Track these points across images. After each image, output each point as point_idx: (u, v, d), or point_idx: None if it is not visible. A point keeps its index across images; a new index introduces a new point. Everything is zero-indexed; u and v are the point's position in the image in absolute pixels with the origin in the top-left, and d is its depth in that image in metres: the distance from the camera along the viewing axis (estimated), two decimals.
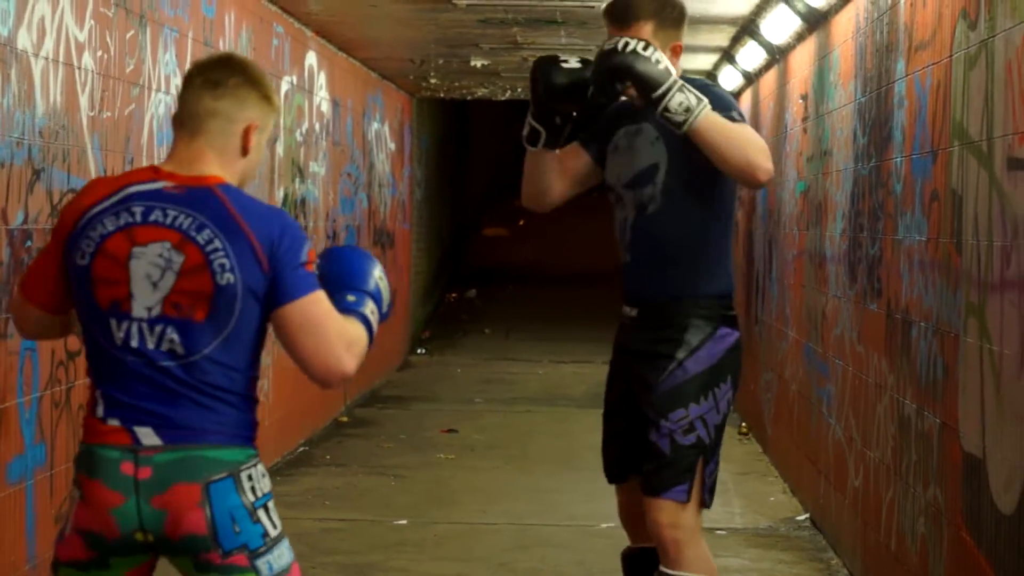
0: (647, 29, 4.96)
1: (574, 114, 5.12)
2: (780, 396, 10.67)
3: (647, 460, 5.06)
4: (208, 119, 3.72)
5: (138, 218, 3.60)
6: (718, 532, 8.76)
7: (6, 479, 6.04)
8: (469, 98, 18.97)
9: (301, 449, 11.48)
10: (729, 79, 14.17)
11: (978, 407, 5.34)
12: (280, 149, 10.89)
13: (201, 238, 3.56)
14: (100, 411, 3.61)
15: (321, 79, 12.46)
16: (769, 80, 12.05)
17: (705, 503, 5.06)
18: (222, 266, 3.56)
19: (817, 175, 9.25)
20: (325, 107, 12.65)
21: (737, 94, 14.55)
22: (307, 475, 10.44)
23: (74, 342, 6.75)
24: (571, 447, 11.34)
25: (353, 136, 14.06)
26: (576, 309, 22.52)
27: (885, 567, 6.89)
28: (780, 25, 10.36)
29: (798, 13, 9.72)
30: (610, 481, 5.35)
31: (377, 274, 3.84)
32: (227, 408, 3.63)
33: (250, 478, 3.70)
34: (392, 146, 16.59)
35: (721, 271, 5.08)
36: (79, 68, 6.78)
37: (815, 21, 9.45)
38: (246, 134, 3.74)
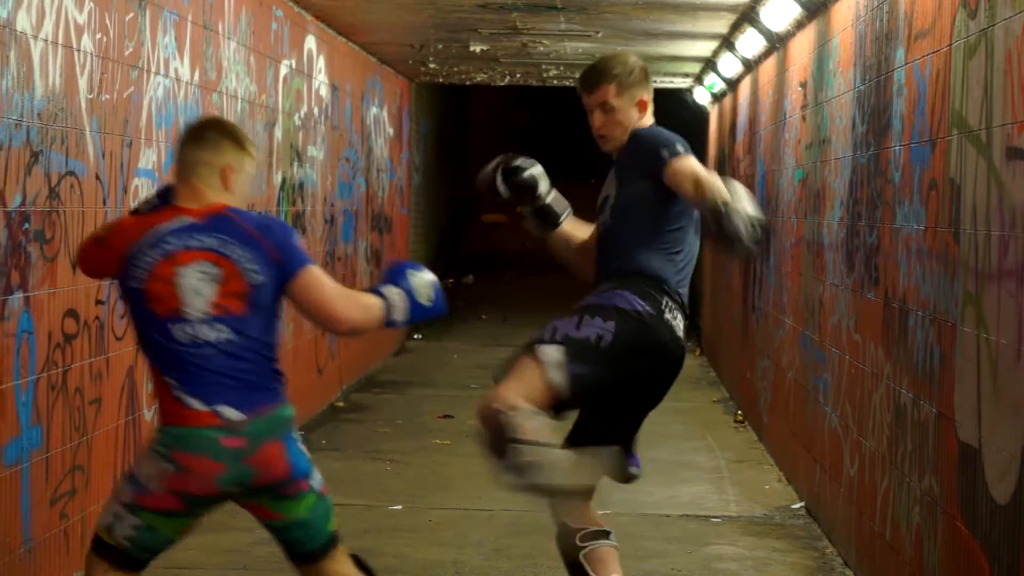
0: (611, 91, 5.69)
1: (544, 190, 5.86)
2: (776, 384, 10.68)
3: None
4: (198, 167, 4.85)
5: (178, 246, 4.75)
6: (713, 520, 8.77)
7: (2, 461, 6.05)
8: (468, 83, 18.96)
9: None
10: (728, 66, 14.16)
11: (974, 396, 5.35)
12: (278, 133, 10.89)
13: (230, 252, 4.74)
14: (181, 397, 4.73)
15: (320, 63, 12.45)
16: (768, 67, 12.05)
17: (544, 357, 5.48)
18: (252, 270, 4.74)
19: (816, 163, 9.25)
20: (324, 91, 12.64)
21: (736, 81, 14.55)
22: None
23: (71, 325, 6.75)
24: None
25: (352, 121, 14.05)
26: (573, 296, 22.49)
27: (880, 556, 6.90)
28: (780, 12, 10.36)
29: (798, 0, 9.71)
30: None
31: (416, 277, 5.04)
32: (272, 375, 4.81)
33: (293, 422, 4.88)
34: (391, 131, 16.58)
35: (661, 264, 5.61)
36: (78, 50, 6.77)
37: (815, 9, 9.45)
38: (228, 173, 4.87)
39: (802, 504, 9.18)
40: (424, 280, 5.02)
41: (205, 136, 4.89)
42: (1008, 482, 4.94)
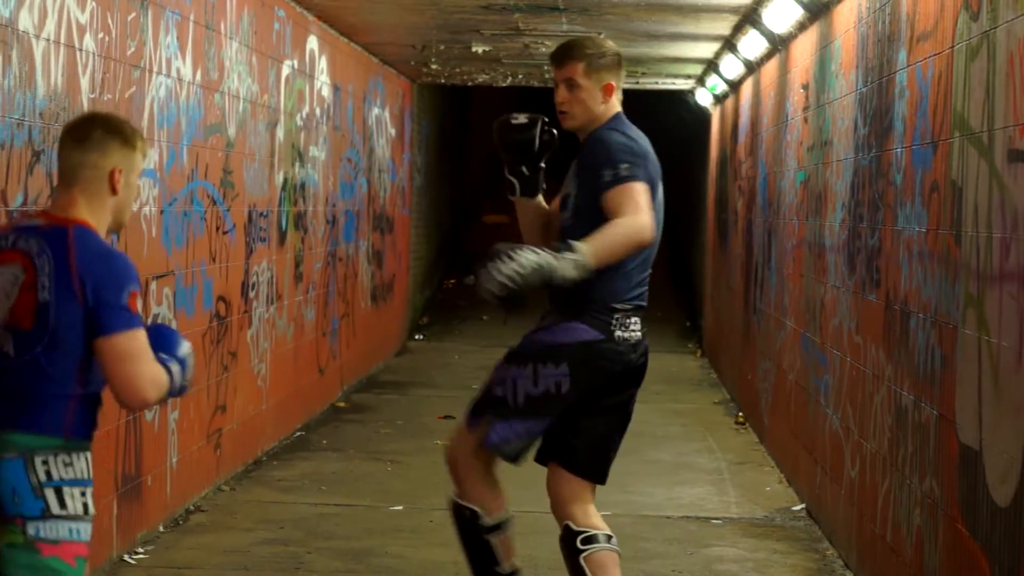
0: (579, 68, 5.79)
1: (542, 165, 5.97)
2: (777, 386, 10.68)
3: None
4: (78, 170, 4.43)
5: (7, 244, 4.40)
6: (714, 521, 8.77)
7: None
8: (470, 84, 18.96)
9: (298, 434, 11.49)
10: (730, 68, 14.16)
11: (975, 399, 5.34)
12: (280, 133, 10.89)
13: (38, 261, 4.34)
14: None
15: (322, 63, 12.45)
16: (770, 69, 12.05)
17: (489, 445, 5.89)
18: (43, 285, 4.32)
19: (817, 165, 9.25)
20: (326, 92, 12.64)
21: (738, 83, 14.55)
22: (304, 460, 10.44)
23: None
24: None
25: (353, 121, 14.05)
26: None
27: (880, 558, 6.90)
28: (782, 14, 10.36)
29: (800, 2, 9.71)
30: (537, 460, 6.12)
31: (185, 347, 4.57)
32: (56, 406, 4.35)
33: (26, 451, 4.35)
34: (392, 131, 16.58)
35: (608, 282, 5.68)
36: (80, 50, 6.77)
37: (817, 10, 9.45)
38: (113, 178, 4.44)
39: (803, 506, 9.18)
40: (189, 352, 4.59)
41: (88, 135, 4.46)
42: (1009, 484, 4.94)
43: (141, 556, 7.59)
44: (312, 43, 12.02)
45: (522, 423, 5.81)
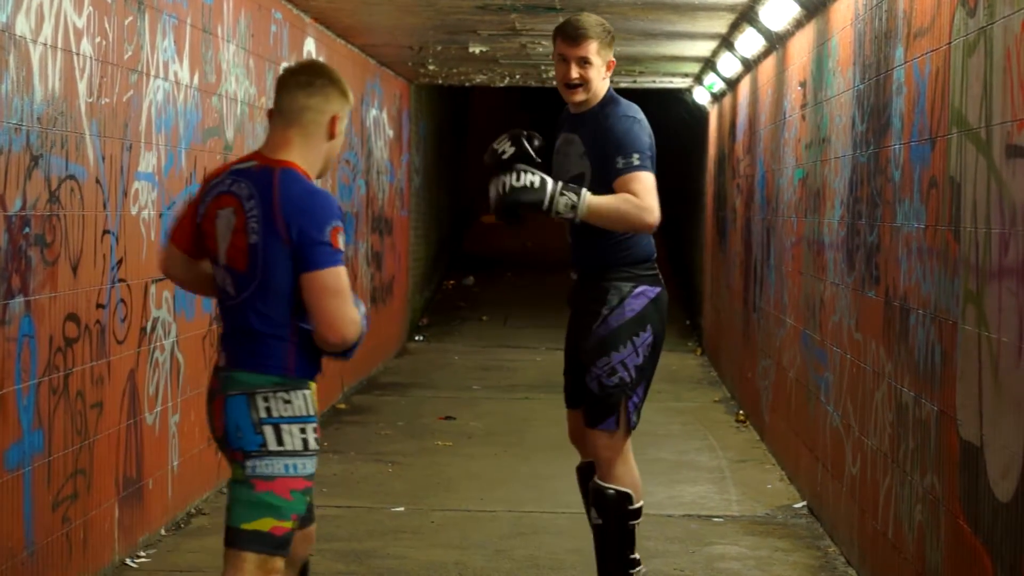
0: (593, 47, 6.31)
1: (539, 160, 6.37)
2: (778, 383, 10.68)
3: (585, 398, 6.45)
4: (305, 113, 4.76)
5: (225, 188, 4.75)
6: (715, 519, 8.77)
7: (4, 466, 6.04)
8: (467, 85, 18.95)
9: None
10: (728, 66, 14.16)
11: (976, 395, 5.35)
12: None
13: (247, 205, 4.67)
14: None
15: None
16: (768, 67, 12.05)
17: (632, 425, 6.38)
18: (252, 229, 4.64)
19: (815, 162, 9.25)
20: None
21: (736, 81, 14.55)
22: None
23: (72, 329, 6.75)
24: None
25: (351, 123, 14.05)
26: None
27: (882, 555, 6.90)
28: (779, 12, 10.36)
29: (797, 0, 9.71)
30: (567, 406, 6.67)
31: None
32: (260, 340, 4.72)
33: (252, 388, 4.73)
34: (390, 133, 16.58)
35: (638, 242, 6.32)
36: (78, 54, 6.77)
37: (814, 8, 9.45)
38: (332, 124, 4.80)
39: (804, 503, 9.18)
40: (365, 312, 4.88)
41: (313, 82, 4.81)
42: (1010, 480, 4.94)
43: (143, 559, 7.59)
44: (309, 45, 12.02)
45: (637, 393, 6.39)
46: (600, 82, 6.34)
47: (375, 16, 12.03)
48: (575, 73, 6.31)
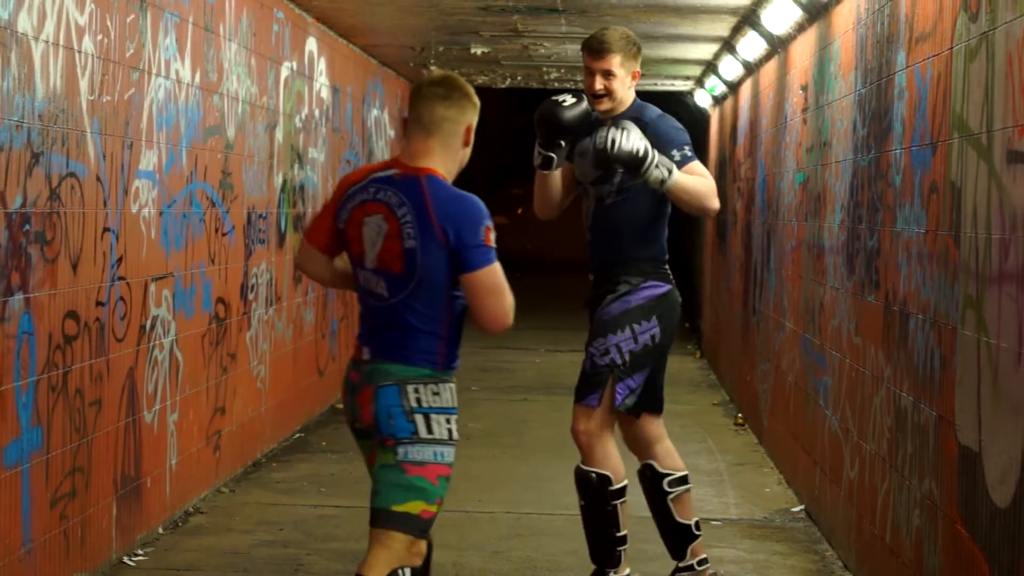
0: (616, 60, 6.65)
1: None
2: (776, 387, 10.68)
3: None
4: (443, 124, 5.11)
5: (370, 197, 5.08)
6: (713, 523, 8.76)
7: (2, 463, 6.05)
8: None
9: (297, 436, 11.49)
10: (729, 69, 14.16)
11: (975, 400, 5.35)
12: (279, 135, 10.89)
13: (399, 212, 5.01)
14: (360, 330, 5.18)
15: (321, 65, 12.45)
16: (769, 70, 12.05)
17: (618, 405, 6.64)
18: (408, 234, 4.98)
19: (816, 166, 9.25)
20: (325, 93, 12.64)
21: (737, 84, 14.55)
22: (303, 462, 10.44)
23: (72, 326, 6.75)
24: (567, 436, 11.22)
25: (353, 123, 14.06)
26: (574, 298, 22.51)
27: (880, 559, 6.90)
28: (781, 15, 10.36)
29: (799, 3, 9.71)
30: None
31: None
32: (414, 335, 5.07)
33: (404, 380, 5.06)
34: (392, 133, 16.58)
35: (655, 242, 6.73)
36: (79, 52, 6.77)
37: (816, 12, 9.45)
38: (467, 133, 5.17)
39: (802, 507, 9.18)
40: None
41: (451, 95, 5.13)
42: (1008, 485, 4.94)
43: (140, 558, 7.59)
44: (311, 45, 12.02)
45: (632, 378, 6.65)
46: (625, 91, 6.71)
47: (377, 16, 12.03)
48: (599, 84, 6.68)
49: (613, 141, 6.40)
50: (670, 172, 6.50)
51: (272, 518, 8.58)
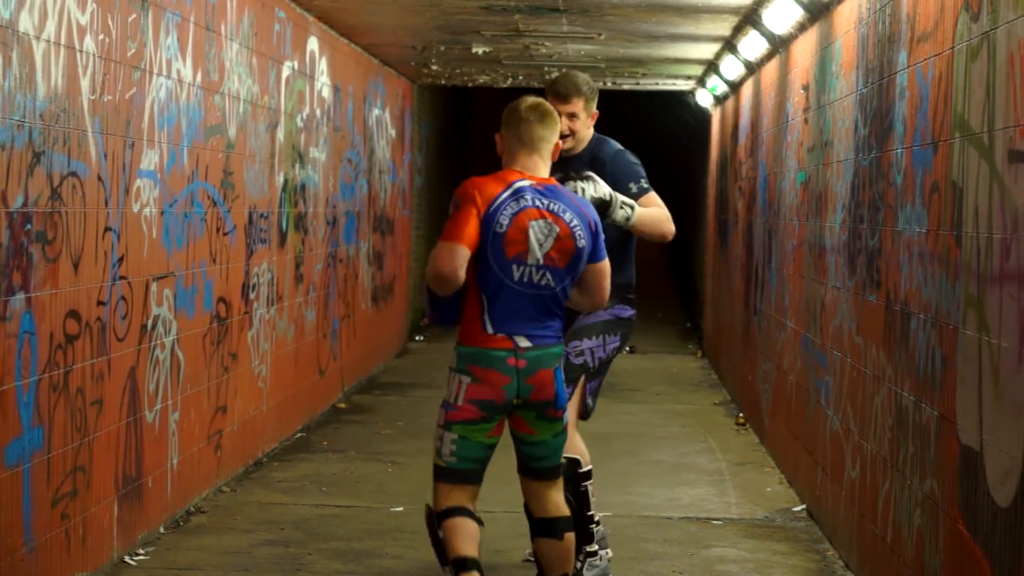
0: (580, 104, 7.19)
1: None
2: (778, 387, 10.68)
3: None
4: (540, 142, 6.12)
5: (529, 203, 6.00)
6: (714, 522, 8.76)
7: (3, 462, 6.05)
8: (470, 85, 18.95)
9: (299, 435, 11.49)
10: (731, 68, 14.16)
11: (976, 400, 5.34)
12: (280, 134, 10.89)
13: (566, 217, 6.01)
14: (489, 328, 5.99)
15: (322, 65, 12.46)
16: (771, 70, 12.05)
17: (587, 406, 7.21)
18: (580, 235, 6.03)
19: (818, 166, 9.25)
20: (326, 93, 12.64)
21: (738, 84, 14.55)
22: (304, 461, 10.44)
23: (73, 326, 6.75)
24: None
25: (354, 122, 14.06)
26: None
27: (881, 559, 6.90)
28: (782, 15, 10.36)
29: (800, 3, 9.71)
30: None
31: None
32: (558, 319, 6.08)
33: (560, 359, 6.09)
34: (393, 132, 16.58)
35: (625, 269, 7.21)
36: (80, 51, 6.78)
37: (817, 11, 9.45)
38: (556, 148, 6.18)
39: (803, 507, 9.18)
40: None
41: (546, 119, 6.11)
42: (1009, 485, 4.94)
43: (142, 557, 7.59)
44: (312, 44, 12.02)
45: (594, 382, 7.23)
46: (585, 130, 7.26)
47: (378, 16, 12.03)
48: (564, 125, 7.14)
49: (583, 191, 6.87)
50: (632, 209, 7.02)
51: (273, 518, 8.58)
